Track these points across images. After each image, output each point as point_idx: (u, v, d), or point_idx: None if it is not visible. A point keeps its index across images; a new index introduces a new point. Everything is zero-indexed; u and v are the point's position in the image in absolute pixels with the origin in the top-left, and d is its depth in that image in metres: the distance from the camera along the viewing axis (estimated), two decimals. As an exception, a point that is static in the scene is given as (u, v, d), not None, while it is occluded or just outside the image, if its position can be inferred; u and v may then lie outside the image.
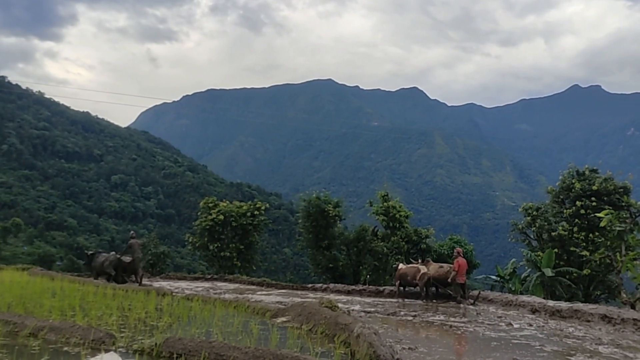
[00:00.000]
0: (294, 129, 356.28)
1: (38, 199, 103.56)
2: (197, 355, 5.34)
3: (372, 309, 12.40)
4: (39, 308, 8.57)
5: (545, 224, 22.21)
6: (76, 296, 10.10)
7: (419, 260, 17.08)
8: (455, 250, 15.70)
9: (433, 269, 15.31)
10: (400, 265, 15.93)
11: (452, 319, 10.78)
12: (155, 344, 5.72)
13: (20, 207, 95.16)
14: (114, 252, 18.35)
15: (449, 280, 14.69)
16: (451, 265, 15.22)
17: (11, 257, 53.18)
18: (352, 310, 11.09)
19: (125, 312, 8.74)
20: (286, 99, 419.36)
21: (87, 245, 75.53)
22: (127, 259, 17.44)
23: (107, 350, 5.80)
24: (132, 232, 19.35)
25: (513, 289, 20.77)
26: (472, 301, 14.25)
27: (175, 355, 5.49)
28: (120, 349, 5.83)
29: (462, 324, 10.04)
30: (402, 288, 15.55)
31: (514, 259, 24.33)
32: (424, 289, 14.79)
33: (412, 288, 15.51)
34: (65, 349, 5.91)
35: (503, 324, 10.29)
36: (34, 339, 6.35)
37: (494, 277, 24.09)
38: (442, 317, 11.05)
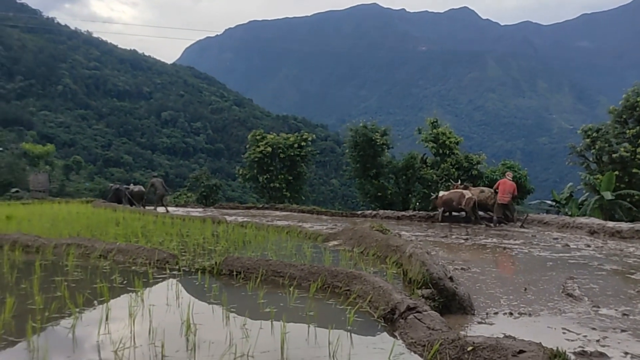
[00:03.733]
0: (339, 57, 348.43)
1: (95, 137, 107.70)
2: (255, 273, 5.56)
3: (423, 234, 12.47)
4: (105, 235, 9.10)
5: (606, 145, 21.20)
6: (138, 225, 10.64)
7: (457, 183, 17.05)
8: (505, 174, 15.64)
9: (474, 193, 15.27)
10: (441, 193, 15.89)
11: (506, 241, 10.70)
12: (216, 262, 6.00)
13: (79, 145, 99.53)
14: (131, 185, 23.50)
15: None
16: (491, 190, 15.25)
17: (75, 192, 56.22)
18: (403, 234, 11.17)
19: (184, 238, 9.14)
20: (330, 27, 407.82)
21: (143, 180, 78.60)
22: (136, 188, 22.48)
23: (171, 269, 6.13)
24: (154, 173, 23.58)
25: (569, 213, 20.26)
26: (520, 224, 14.15)
27: (234, 273, 5.75)
28: (183, 268, 6.15)
29: (517, 246, 9.95)
30: (447, 214, 15.53)
31: (570, 183, 23.60)
32: (474, 213, 14.73)
33: (456, 214, 15.48)
34: (134, 268, 6.31)
35: (559, 245, 10.13)
36: (104, 260, 6.80)
37: (549, 202, 23.56)
38: (494, 240, 10.99)
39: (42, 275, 5.53)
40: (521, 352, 2.86)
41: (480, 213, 15.15)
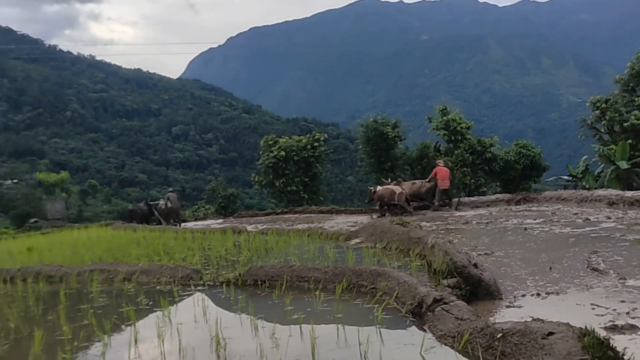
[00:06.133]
0: (342, 55, 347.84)
1: (108, 160, 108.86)
2: (279, 280, 5.59)
3: (443, 222, 12.41)
4: (127, 257, 9.18)
5: (616, 115, 20.94)
6: (159, 243, 10.73)
7: (389, 181, 17.50)
8: (436, 162, 16.86)
9: (407, 187, 16.22)
10: (378, 188, 16.48)
11: (526, 222, 10.62)
12: (239, 273, 6.04)
13: (92, 169, 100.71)
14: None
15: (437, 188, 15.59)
16: (422, 180, 16.30)
17: (93, 216, 56.74)
18: (423, 225, 11.13)
19: (206, 251, 9.21)
20: (330, 26, 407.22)
21: (160, 197, 79.09)
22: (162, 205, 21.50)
23: (196, 285, 6.19)
24: (170, 188, 23.07)
25: (587, 186, 20.05)
26: (454, 206, 15.29)
27: (259, 282, 5.78)
28: (208, 283, 6.20)
29: (537, 225, 9.87)
30: (385, 207, 16.08)
31: (585, 156, 23.34)
32: (407, 205, 15.36)
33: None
34: (158, 287, 6.37)
35: (580, 220, 10.02)
36: (128, 282, 6.88)
37: (565, 177, 23.32)
38: (515, 221, 10.90)
39: (68, 305, 5.61)
40: (550, 334, 2.84)
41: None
